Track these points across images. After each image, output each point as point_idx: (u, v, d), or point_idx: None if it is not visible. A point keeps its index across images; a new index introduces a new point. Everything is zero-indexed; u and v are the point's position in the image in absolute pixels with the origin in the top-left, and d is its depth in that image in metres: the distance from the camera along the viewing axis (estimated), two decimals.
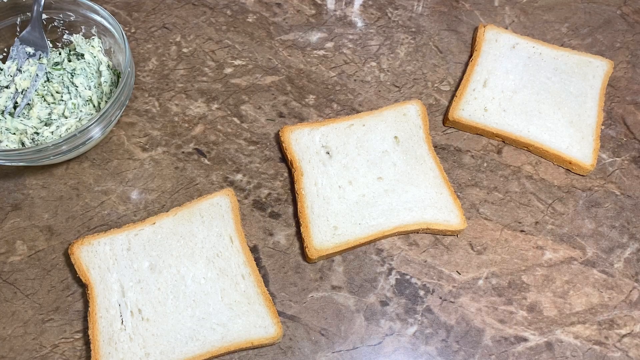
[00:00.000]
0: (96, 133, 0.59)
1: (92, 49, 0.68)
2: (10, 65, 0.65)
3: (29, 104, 0.65)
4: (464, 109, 0.68)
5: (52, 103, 0.65)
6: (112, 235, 0.58)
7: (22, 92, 0.65)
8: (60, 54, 0.68)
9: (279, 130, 0.66)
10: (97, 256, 0.57)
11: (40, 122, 0.64)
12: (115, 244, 0.58)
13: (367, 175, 0.63)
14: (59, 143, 0.56)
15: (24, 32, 0.65)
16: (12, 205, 0.62)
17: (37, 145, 0.61)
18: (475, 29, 0.76)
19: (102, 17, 0.65)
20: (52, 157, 0.58)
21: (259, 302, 0.55)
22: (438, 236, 0.62)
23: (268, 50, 0.74)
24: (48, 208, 0.62)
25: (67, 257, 0.59)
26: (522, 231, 0.62)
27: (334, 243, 0.59)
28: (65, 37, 0.69)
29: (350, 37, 0.76)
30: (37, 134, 0.62)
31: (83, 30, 0.68)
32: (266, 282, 0.58)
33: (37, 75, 0.65)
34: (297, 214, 0.61)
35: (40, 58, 0.66)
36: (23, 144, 0.62)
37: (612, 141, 0.69)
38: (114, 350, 0.53)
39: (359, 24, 0.77)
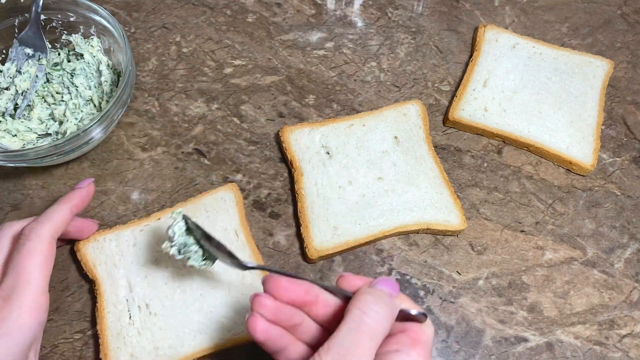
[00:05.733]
0: (98, 133, 0.59)
1: (92, 49, 0.67)
2: (9, 67, 0.65)
3: (29, 105, 0.65)
4: (464, 109, 0.68)
5: (53, 104, 0.65)
6: (118, 232, 0.58)
7: (22, 93, 0.65)
8: (59, 54, 0.68)
9: (279, 130, 0.66)
10: (103, 252, 0.57)
11: (42, 123, 0.64)
12: (121, 239, 0.58)
13: (367, 176, 0.63)
14: (61, 144, 0.56)
15: (22, 33, 0.65)
16: (12, 205, 0.62)
17: (38, 146, 0.61)
18: (475, 29, 0.76)
19: (101, 17, 0.64)
20: (54, 158, 0.58)
21: None
22: (438, 236, 0.62)
23: (268, 50, 0.74)
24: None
25: (67, 257, 0.59)
26: (522, 231, 0.62)
27: (334, 243, 0.59)
28: (64, 37, 0.68)
29: (350, 37, 0.76)
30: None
31: (82, 30, 0.68)
32: None
33: (36, 76, 0.65)
34: (297, 214, 0.61)
35: (39, 59, 0.66)
36: (24, 145, 0.62)
37: (612, 141, 0.69)
38: (123, 344, 0.53)
39: (359, 24, 0.77)
